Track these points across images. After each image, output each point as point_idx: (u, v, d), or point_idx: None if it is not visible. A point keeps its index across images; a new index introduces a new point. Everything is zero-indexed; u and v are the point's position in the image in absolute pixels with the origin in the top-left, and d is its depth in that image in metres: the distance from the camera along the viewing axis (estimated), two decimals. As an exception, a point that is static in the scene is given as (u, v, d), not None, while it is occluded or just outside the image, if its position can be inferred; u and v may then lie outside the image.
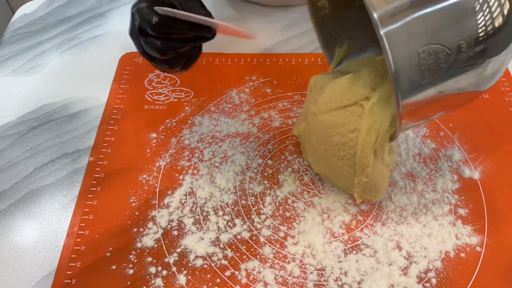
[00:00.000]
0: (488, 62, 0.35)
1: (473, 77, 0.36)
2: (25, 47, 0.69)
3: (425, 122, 0.44)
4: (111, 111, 0.59)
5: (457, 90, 0.37)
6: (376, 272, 0.44)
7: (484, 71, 0.36)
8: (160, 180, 0.52)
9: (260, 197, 0.51)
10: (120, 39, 0.70)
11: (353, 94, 0.44)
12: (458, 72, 0.35)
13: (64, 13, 0.75)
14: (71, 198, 0.51)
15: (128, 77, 0.64)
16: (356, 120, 0.43)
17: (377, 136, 0.42)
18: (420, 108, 0.36)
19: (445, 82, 0.35)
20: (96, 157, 0.54)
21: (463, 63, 0.34)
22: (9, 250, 0.47)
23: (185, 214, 0.49)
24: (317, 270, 0.45)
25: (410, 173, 0.52)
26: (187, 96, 0.61)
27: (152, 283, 0.44)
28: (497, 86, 0.61)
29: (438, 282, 0.44)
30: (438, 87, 0.35)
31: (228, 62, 0.66)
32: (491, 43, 0.35)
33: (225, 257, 0.46)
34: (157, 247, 0.47)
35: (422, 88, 0.35)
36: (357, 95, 0.43)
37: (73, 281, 0.44)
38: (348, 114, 0.43)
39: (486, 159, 0.53)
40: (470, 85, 0.37)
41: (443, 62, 0.34)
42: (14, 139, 0.57)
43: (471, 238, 0.47)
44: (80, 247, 0.47)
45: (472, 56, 0.34)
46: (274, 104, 0.60)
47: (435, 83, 0.34)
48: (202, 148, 0.55)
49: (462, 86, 0.36)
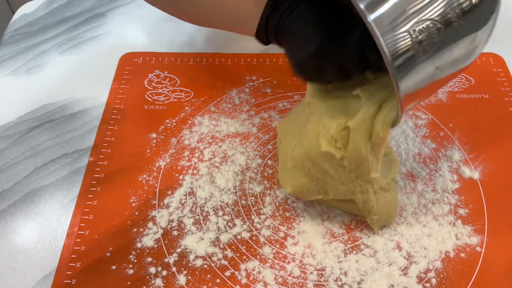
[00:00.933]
0: (476, 29, 0.36)
1: (465, 47, 0.36)
2: (25, 47, 0.69)
3: (423, 101, 0.43)
4: (111, 111, 0.59)
5: (451, 63, 0.37)
6: (376, 272, 0.44)
7: (474, 39, 0.36)
8: (160, 180, 0.52)
9: (260, 197, 0.51)
10: (120, 39, 0.70)
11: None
12: (451, 44, 0.35)
13: (64, 13, 0.75)
14: (71, 198, 0.51)
15: (128, 77, 0.64)
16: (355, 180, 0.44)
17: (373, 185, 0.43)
18: (420, 88, 0.36)
19: (440, 57, 0.35)
20: (96, 157, 0.54)
21: (454, 34, 0.35)
22: (9, 250, 0.47)
23: (185, 214, 0.49)
24: (317, 270, 0.45)
25: (410, 173, 0.52)
26: (187, 96, 0.61)
27: (152, 283, 0.44)
28: (497, 86, 0.61)
29: (438, 282, 0.44)
30: (434, 63, 0.35)
31: (228, 62, 0.66)
32: (478, 9, 0.35)
33: (225, 257, 0.46)
34: (157, 247, 0.47)
35: (420, 68, 0.35)
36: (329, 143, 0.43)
37: (73, 281, 0.44)
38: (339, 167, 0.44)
39: (486, 159, 0.53)
40: (462, 56, 0.37)
41: (436, 37, 0.34)
42: (14, 139, 0.57)
43: (471, 238, 0.47)
44: (80, 247, 0.47)
45: (462, 25, 0.34)
46: (274, 104, 0.60)
47: (431, 60, 0.34)
48: (202, 148, 0.55)
49: (456, 57, 0.36)
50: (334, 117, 0.42)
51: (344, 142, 0.42)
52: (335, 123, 0.42)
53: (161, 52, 0.67)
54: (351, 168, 0.43)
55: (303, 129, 0.46)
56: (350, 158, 0.42)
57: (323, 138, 0.42)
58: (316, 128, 0.43)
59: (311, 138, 0.43)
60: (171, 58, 0.66)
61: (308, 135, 0.43)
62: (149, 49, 0.68)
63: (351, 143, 0.41)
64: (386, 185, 0.47)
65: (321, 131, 0.42)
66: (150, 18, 0.74)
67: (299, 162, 0.45)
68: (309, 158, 0.44)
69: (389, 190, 0.47)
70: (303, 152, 0.44)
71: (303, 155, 0.44)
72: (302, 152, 0.44)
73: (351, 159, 0.42)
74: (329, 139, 0.42)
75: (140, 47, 0.69)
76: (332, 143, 0.42)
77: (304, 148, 0.44)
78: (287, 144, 0.48)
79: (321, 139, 0.42)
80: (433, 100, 0.60)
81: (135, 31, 0.72)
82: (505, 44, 0.66)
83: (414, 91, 0.36)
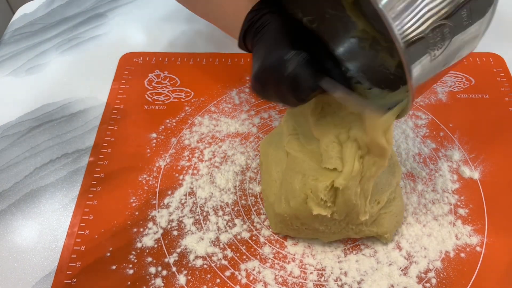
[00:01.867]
0: (481, 21, 0.36)
1: (471, 41, 0.37)
2: (25, 47, 0.69)
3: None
4: (111, 111, 0.59)
5: (457, 58, 0.37)
6: (376, 272, 0.44)
7: (479, 29, 0.37)
8: (160, 180, 0.52)
9: (260, 197, 0.51)
10: (120, 39, 0.70)
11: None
12: (460, 40, 0.35)
13: (64, 13, 0.75)
14: (71, 198, 0.51)
15: (128, 77, 0.64)
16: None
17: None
18: (426, 84, 0.37)
19: (449, 54, 0.35)
20: (96, 157, 0.54)
21: (463, 30, 0.35)
22: (9, 250, 0.47)
23: (185, 214, 0.49)
24: (317, 270, 0.45)
25: (410, 173, 0.52)
26: (187, 96, 0.61)
27: (152, 283, 0.44)
28: (497, 86, 0.61)
29: (438, 282, 0.44)
30: (444, 61, 0.35)
31: (228, 62, 0.66)
32: (482, 2, 0.35)
33: (225, 257, 0.46)
34: (157, 247, 0.47)
35: (432, 68, 0.35)
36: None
37: (73, 281, 0.44)
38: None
39: (486, 159, 0.53)
40: (468, 49, 0.38)
41: (448, 37, 0.34)
42: (14, 139, 0.57)
43: (471, 238, 0.47)
44: (80, 247, 0.47)
45: (470, 21, 0.35)
46: (274, 104, 0.60)
47: (441, 59, 0.35)
48: (202, 148, 0.55)
49: (462, 52, 0.37)
50: (319, 179, 0.42)
51: (333, 199, 0.42)
52: (322, 185, 0.41)
53: (161, 52, 0.67)
54: (341, 218, 0.43)
55: (284, 179, 0.45)
56: (340, 210, 0.42)
57: (312, 202, 0.42)
58: (301, 191, 0.42)
59: (298, 200, 0.43)
60: (171, 58, 0.66)
61: (295, 197, 0.43)
62: (149, 49, 0.68)
63: (340, 197, 0.41)
64: (391, 194, 0.46)
65: (309, 195, 0.42)
66: (150, 18, 0.74)
67: (287, 220, 0.45)
68: (298, 219, 0.44)
69: (394, 199, 0.46)
70: (292, 213, 0.44)
71: (291, 215, 0.44)
72: (290, 212, 0.44)
73: (341, 211, 0.42)
74: (319, 202, 0.42)
75: (140, 47, 0.69)
76: (322, 204, 0.42)
77: (292, 209, 0.43)
78: (269, 173, 0.48)
79: (310, 203, 0.42)
80: (433, 100, 0.60)
81: (135, 31, 0.72)
82: (505, 44, 0.66)
83: (421, 88, 0.36)
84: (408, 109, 0.38)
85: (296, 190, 0.43)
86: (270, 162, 0.49)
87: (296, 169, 0.44)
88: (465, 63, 0.65)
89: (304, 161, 0.44)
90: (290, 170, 0.45)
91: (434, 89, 0.61)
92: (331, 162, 0.42)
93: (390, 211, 0.46)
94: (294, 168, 0.44)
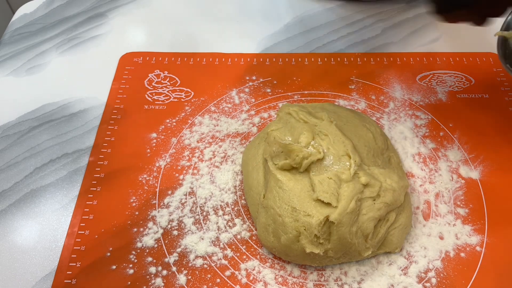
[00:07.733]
0: None
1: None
2: (25, 47, 0.69)
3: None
4: (111, 111, 0.59)
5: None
6: (376, 272, 0.44)
7: None
8: (160, 180, 0.52)
9: (260, 197, 0.51)
10: (120, 39, 0.70)
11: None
12: None
13: (64, 13, 0.75)
14: (71, 198, 0.51)
15: (128, 77, 0.64)
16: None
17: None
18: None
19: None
20: (96, 157, 0.54)
21: None
22: (9, 250, 0.47)
23: (185, 214, 0.49)
24: (317, 270, 0.45)
25: (410, 173, 0.52)
26: (187, 96, 0.61)
27: (152, 283, 0.44)
28: (497, 86, 0.61)
29: (438, 282, 0.44)
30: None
31: (228, 62, 0.66)
32: None
33: (225, 257, 0.46)
34: (157, 247, 0.47)
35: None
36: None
37: (73, 281, 0.44)
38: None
39: (486, 159, 0.53)
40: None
41: None
42: (14, 139, 0.57)
43: (471, 238, 0.47)
44: (80, 247, 0.47)
45: None
46: (274, 104, 0.60)
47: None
48: (202, 148, 0.55)
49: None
50: (310, 214, 0.41)
51: (326, 235, 0.41)
52: (315, 221, 0.40)
53: (161, 52, 0.67)
54: (338, 256, 0.42)
55: (271, 207, 0.43)
56: (336, 248, 0.41)
57: (305, 240, 0.41)
58: (293, 228, 0.41)
59: (290, 237, 0.41)
60: (171, 58, 0.66)
61: (286, 233, 0.42)
62: (149, 49, 0.68)
63: (335, 234, 0.40)
64: (400, 206, 0.45)
65: (302, 232, 0.41)
66: (150, 18, 0.74)
67: (280, 254, 0.44)
68: (289, 255, 0.43)
69: (404, 209, 0.45)
70: (281, 249, 0.43)
71: (280, 251, 0.43)
72: (279, 248, 0.43)
73: (337, 248, 0.41)
74: (312, 239, 0.41)
75: (140, 47, 0.69)
76: (315, 242, 0.41)
77: (282, 246, 0.42)
78: (251, 193, 0.47)
79: (304, 241, 0.41)
80: (433, 100, 0.60)
81: (135, 31, 0.72)
82: (505, 44, 0.66)
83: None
84: None
85: (287, 226, 0.41)
86: (250, 171, 0.48)
87: (284, 198, 0.42)
88: (465, 63, 0.65)
89: (292, 190, 0.42)
90: (276, 197, 0.43)
91: (434, 89, 0.61)
92: (325, 196, 0.41)
93: (400, 224, 0.45)
94: (282, 196, 0.43)
